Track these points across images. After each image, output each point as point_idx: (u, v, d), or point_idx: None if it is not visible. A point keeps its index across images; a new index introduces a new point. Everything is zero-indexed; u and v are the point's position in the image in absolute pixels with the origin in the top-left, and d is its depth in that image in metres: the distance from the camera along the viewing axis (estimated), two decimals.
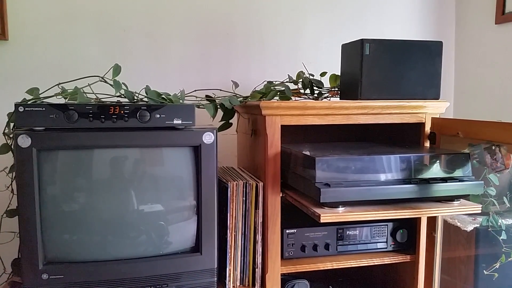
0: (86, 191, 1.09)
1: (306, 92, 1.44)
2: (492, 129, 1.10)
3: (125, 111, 1.08)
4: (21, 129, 1.05)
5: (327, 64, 1.52)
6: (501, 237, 1.21)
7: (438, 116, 1.27)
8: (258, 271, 1.21)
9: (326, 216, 1.02)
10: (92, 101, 1.17)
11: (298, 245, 1.25)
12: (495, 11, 1.66)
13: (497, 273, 1.25)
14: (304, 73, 1.45)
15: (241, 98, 1.34)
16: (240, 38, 1.67)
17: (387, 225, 1.32)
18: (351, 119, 1.22)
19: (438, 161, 1.12)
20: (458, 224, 1.30)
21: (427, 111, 1.26)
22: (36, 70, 1.50)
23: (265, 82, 1.42)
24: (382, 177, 1.09)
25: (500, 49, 1.66)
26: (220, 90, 1.39)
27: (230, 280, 1.21)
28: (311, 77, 1.44)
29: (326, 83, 1.46)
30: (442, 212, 1.12)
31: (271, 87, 1.38)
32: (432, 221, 1.29)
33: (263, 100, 1.28)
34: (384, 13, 1.80)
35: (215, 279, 1.17)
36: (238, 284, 1.22)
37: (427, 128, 1.27)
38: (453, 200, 1.12)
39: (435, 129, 1.26)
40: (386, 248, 1.32)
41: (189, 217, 1.16)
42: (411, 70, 1.25)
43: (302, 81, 1.43)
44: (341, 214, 1.04)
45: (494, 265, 1.25)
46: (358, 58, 1.22)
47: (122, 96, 1.23)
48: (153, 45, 1.60)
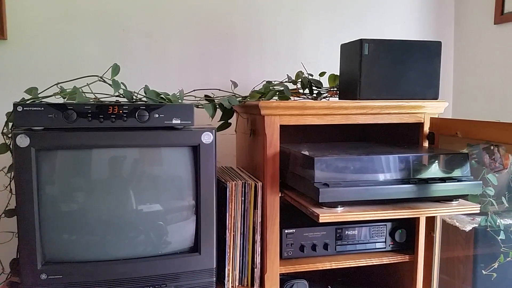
0: (85, 191, 1.09)
1: (305, 92, 1.44)
2: (491, 129, 1.10)
3: (124, 111, 1.08)
4: (20, 129, 1.05)
5: (326, 64, 1.52)
6: (500, 237, 1.21)
7: (437, 116, 1.27)
8: (257, 271, 1.21)
9: (325, 216, 1.02)
10: (91, 101, 1.17)
11: (297, 245, 1.25)
12: (494, 11, 1.66)
13: (496, 273, 1.25)
14: (303, 73, 1.45)
15: (240, 98, 1.34)
16: (240, 38, 1.67)
17: (386, 225, 1.32)
18: (350, 119, 1.22)
19: (437, 161, 1.12)
20: (457, 224, 1.30)
21: (426, 111, 1.26)
22: (35, 70, 1.50)
23: (264, 82, 1.42)
24: (381, 177, 1.09)
25: (499, 49, 1.66)
26: (219, 90, 1.39)
27: (229, 280, 1.21)
28: (310, 77, 1.44)
29: (325, 83, 1.46)
30: (441, 212, 1.12)
31: (270, 87, 1.38)
32: (431, 221, 1.29)
33: (262, 100, 1.28)
34: (383, 13, 1.80)
35: (214, 279, 1.17)
36: (237, 284, 1.22)
37: (426, 128, 1.27)
38: (452, 200, 1.12)
39: (434, 129, 1.26)
40: (385, 248, 1.32)
41: (188, 217, 1.15)
42: (410, 70, 1.25)
43: (301, 81, 1.43)
44: (340, 214, 1.04)
45: (493, 265, 1.25)
46: (357, 58, 1.22)
47: (121, 96, 1.23)
48: (152, 45, 1.60)
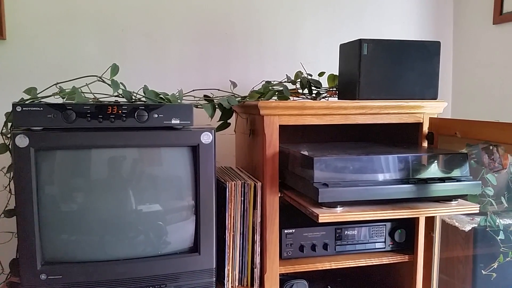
0: (84, 191, 1.09)
1: (304, 92, 1.44)
2: (490, 129, 1.10)
3: (123, 111, 1.08)
4: (19, 129, 1.04)
5: (325, 64, 1.52)
6: (499, 237, 1.21)
7: (436, 116, 1.27)
8: (257, 271, 1.21)
9: (325, 216, 1.02)
10: (90, 101, 1.17)
11: (297, 245, 1.25)
12: (493, 11, 1.66)
13: (495, 273, 1.26)
14: (302, 73, 1.45)
15: (239, 98, 1.34)
16: (239, 38, 1.67)
17: (386, 225, 1.32)
18: (349, 119, 1.22)
19: (436, 161, 1.12)
20: (456, 224, 1.30)
21: (425, 111, 1.26)
22: (34, 70, 1.50)
23: (263, 82, 1.42)
24: (380, 177, 1.09)
25: (498, 49, 1.66)
26: (219, 90, 1.38)
27: (229, 280, 1.21)
28: (309, 77, 1.44)
29: (324, 83, 1.46)
30: (440, 212, 1.12)
31: (269, 87, 1.38)
32: (430, 221, 1.29)
33: (261, 100, 1.28)
34: (382, 13, 1.80)
35: (214, 279, 1.17)
36: (237, 284, 1.22)
37: (425, 128, 1.27)
38: (451, 200, 1.12)
39: (433, 129, 1.26)
40: (385, 248, 1.32)
41: (188, 217, 1.15)
42: (409, 70, 1.25)
43: (300, 81, 1.43)
44: (339, 214, 1.04)
45: (492, 265, 1.26)
46: (356, 58, 1.22)
47: (120, 96, 1.22)
48: (152, 45, 1.60)
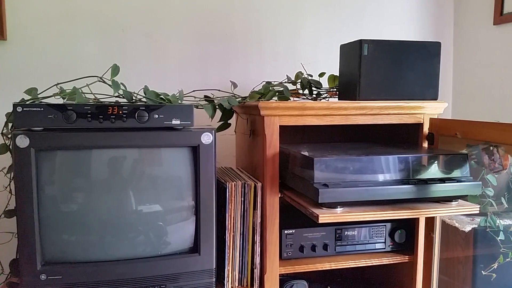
0: (85, 192, 1.09)
1: (305, 93, 1.44)
2: (490, 130, 1.10)
3: (124, 112, 1.08)
4: (20, 129, 1.04)
5: (326, 65, 1.52)
6: (499, 238, 1.21)
7: (436, 117, 1.27)
8: (257, 272, 1.21)
9: (325, 217, 1.02)
10: (91, 102, 1.17)
11: (297, 246, 1.25)
12: (493, 12, 1.66)
13: (495, 274, 1.26)
14: (303, 74, 1.45)
15: (240, 99, 1.34)
16: (239, 39, 1.67)
17: (386, 226, 1.32)
18: (350, 120, 1.22)
19: (436, 162, 1.12)
20: (456, 225, 1.30)
21: (425, 112, 1.26)
22: (35, 70, 1.50)
23: (264, 83, 1.42)
24: (381, 178, 1.09)
25: (498, 50, 1.66)
26: (219, 91, 1.38)
27: (229, 281, 1.21)
28: (310, 78, 1.44)
29: (325, 84, 1.46)
30: (440, 213, 1.12)
31: (270, 88, 1.38)
32: (430, 222, 1.29)
33: (262, 101, 1.28)
34: (383, 14, 1.80)
35: (214, 280, 1.17)
36: (237, 285, 1.22)
37: (425, 129, 1.27)
38: (451, 201, 1.12)
39: (433, 130, 1.26)
40: (385, 249, 1.32)
41: (188, 218, 1.15)
42: (410, 71, 1.25)
43: (301, 82, 1.43)
44: (340, 215, 1.04)
45: (492, 266, 1.26)
46: (357, 59, 1.22)
47: (121, 96, 1.23)
48: (152, 45, 1.60)
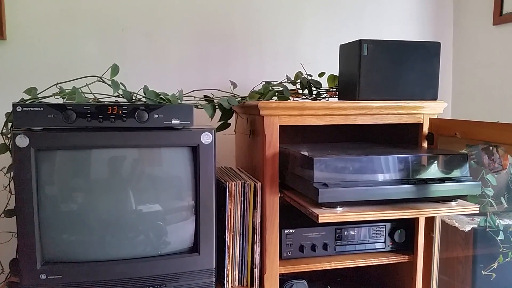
0: (85, 191, 1.09)
1: (304, 93, 1.44)
2: (490, 130, 1.10)
3: (123, 111, 1.08)
4: (19, 129, 1.05)
5: (325, 65, 1.52)
6: (499, 238, 1.21)
7: (436, 117, 1.27)
8: (257, 271, 1.21)
9: (324, 216, 1.02)
10: (90, 101, 1.17)
11: (297, 245, 1.25)
12: (493, 12, 1.67)
13: (495, 273, 1.26)
14: (303, 74, 1.45)
15: (240, 98, 1.34)
16: (239, 39, 1.67)
17: (385, 225, 1.32)
18: (349, 120, 1.22)
19: (436, 162, 1.12)
20: (456, 225, 1.30)
21: (425, 112, 1.27)
22: (34, 70, 1.50)
23: (264, 83, 1.42)
24: (380, 178, 1.09)
25: (498, 50, 1.66)
26: (219, 90, 1.39)
27: (229, 281, 1.21)
28: (309, 78, 1.44)
29: (324, 84, 1.46)
30: (440, 213, 1.12)
31: (270, 88, 1.38)
32: (430, 222, 1.29)
33: (262, 101, 1.28)
34: (382, 14, 1.80)
35: (214, 279, 1.17)
36: (237, 284, 1.22)
37: (425, 129, 1.27)
38: (451, 201, 1.12)
39: (433, 130, 1.26)
40: (384, 248, 1.32)
41: (188, 217, 1.15)
42: (409, 71, 1.25)
43: (301, 82, 1.43)
44: (339, 214, 1.04)
45: (492, 265, 1.26)
46: (356, 59, 1.22)
47: (120, 96, 1.23)
48: (152, 45, 1.60)
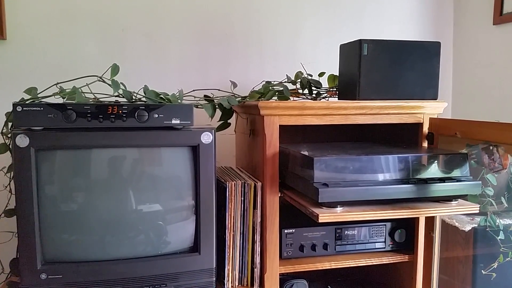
0: (85, 191, 1.09)
1: (305, 92, 1.44)
2: (490, 130, 1.10)
3: (123, 111, 1.08)
4: (19, 129, 1.05)
5: (326, 64, 1.52)
6: (499, 237, 1.21)
7: (436, 117, 1.28)
8: (257, 271, 1.21)
9: (325, 216, 1.02)
10: (90, 101, 1.17)
11: (297, 245, 1.25)
12: (493, 12, 1.66)
13: (495, 273, 1.26)
14: (303, 73, 1.45)
15: (240, 98, 1.34)
16: (239, 38, 1.67)
17: (386, 225, 1.32)
18: (349, 119, 1.22)
19: (436, 161, 1.12)
20: (456, 224, 1.30)
21: (425, 112, 1.27)
22: (34, 70, 1.50)
23: (264, 82, 1.42)
24: (380, 177, 1.09)
25: (498, 50, 1.66)
26: (219, 90, 1.39)
27: (229, 280, 1.21)
28: (310, 77, 1.44)
29: (325, 83, 1.46)
30: (440, 212, 1.12)
31: (270, 87, 1.38)
32: (430, 221, 1.29)
33: (262, 100, 1.28)
34: (382, 14, 1.80)
35: (214, 279, 1.17)
36: (237, 284, 1.22)
37: (425, 129, 1.27)
38: (451, 200, 1.12)
39: (433, 130, 1.26)
40: (385, 248, 1.33)
41: (188, 217, 1.16)
42: (409, 71, 1.25)
43: (301, 81, 1.43)
44: (339, 214, 1.04)
45: (492, 265, 1.26)
46: (356, 59, 1.22)
47: (121, 96, 1.23)
48: (152, 45, 1.60)
